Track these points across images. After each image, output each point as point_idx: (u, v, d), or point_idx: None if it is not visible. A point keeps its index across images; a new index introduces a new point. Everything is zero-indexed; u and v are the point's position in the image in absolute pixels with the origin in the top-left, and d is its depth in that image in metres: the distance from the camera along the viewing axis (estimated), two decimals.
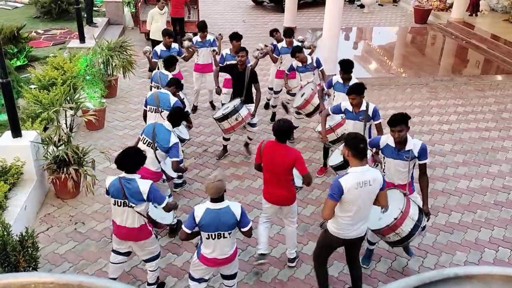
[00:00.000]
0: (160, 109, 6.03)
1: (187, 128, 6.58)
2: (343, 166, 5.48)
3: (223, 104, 7.77)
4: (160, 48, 7.87)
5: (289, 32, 7.90)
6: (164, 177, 5.41)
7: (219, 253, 4.10)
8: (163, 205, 4.30)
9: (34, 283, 1.04)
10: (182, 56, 8.09)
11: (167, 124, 5.21)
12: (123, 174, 4.27)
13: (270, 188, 4.92)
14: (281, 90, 8.25)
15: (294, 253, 5.21)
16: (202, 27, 8.28)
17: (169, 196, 5.55)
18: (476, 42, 13.30)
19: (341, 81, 6.44)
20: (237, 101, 6.73)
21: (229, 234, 4.04)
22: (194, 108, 8.80)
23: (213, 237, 4.01)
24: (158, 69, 7.42)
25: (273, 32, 8.37)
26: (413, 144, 4.66)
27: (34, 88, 7.35)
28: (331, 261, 5.18)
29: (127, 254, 4.64)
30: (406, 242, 4.65)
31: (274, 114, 8.47)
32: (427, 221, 4.84)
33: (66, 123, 6.44)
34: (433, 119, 8.85)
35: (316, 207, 6.18)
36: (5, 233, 4.34)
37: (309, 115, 7.25)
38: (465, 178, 7.01)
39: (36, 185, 5.91)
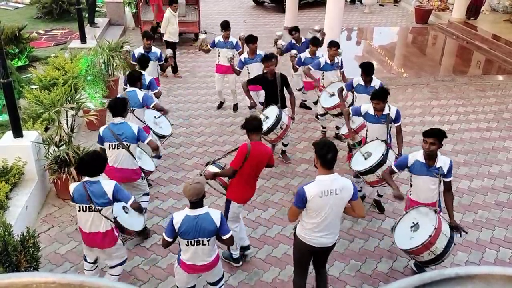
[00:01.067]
0: (131, 108, 5.89)
1: (164, 114, 6.44)
2: (371, 170, 5.42)
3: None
4: (138, 51, 7.73)
5: (316, 42, 7.78)
6: (142, 174, 5.40)
7: (198, 260, 4.02)
8: (131, 201, 4.24)
9: (36, 283, 1.03)
10: (160, 63, 7.94)
11: (117, 119, 5.10)
12: (86, 178, 4.21)
13: (248, 190, 4.88)
14: (306, 100, 8.30)
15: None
16: (226, 25, 8.26)
17: (147, 195, 5.55)
18: (477, 42, 13.29)
19: (362, 83, 6.47)
20: (275, 110, 6.52)
21: (208, 241, 3.94)
22: (221, 104, 8.87)
23: (192, 243, 3.92)
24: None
25: (292, 31, 8.29)
26: (443, 162, 4.64)
27: (35, 88, 7.36)
28: (332, 261, 5.17)
29: (95, 262, 4.62)
30: (441, 260, 4.55)
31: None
32: (461, 235, 4.80)
33: (67, 123, 6.45)
34: (434, 119, 8.84)
35: None
36: (6, 233, 4.34)
37: (339, 115, 7.23)
38: (466, 178, 7.01)
39: (37, 185, 5.92)
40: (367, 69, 6.38)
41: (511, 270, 1.05)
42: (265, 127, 6.37)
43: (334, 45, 7.37)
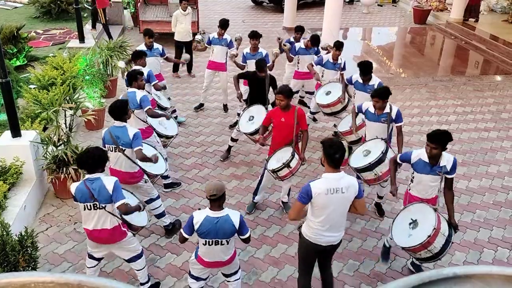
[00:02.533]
0: (131, 109, 5.72)
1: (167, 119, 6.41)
2: (370, 168, 5.40)
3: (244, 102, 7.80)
4: (141, 48, 7.64)
5: (315, 40, 7.83)
6: (145, 177, 5.33)
7: (215, 258, 4.12)
8: (118, 204, 4.13)
9: (34, 283, 1.03)
10: (164, 57, 7.96)
11: (118, 123, 5.08)
12: (86, 176, 4.21)
13: None
14: (298, 91, 8.31)
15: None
16: (224, 24, 8.26)
17: (157, 198, 5.47)
18: (475, 43, 13.31)
19: (360, 80, 6.49)
20: (264, 111, 6.44)
21: (227, 241, 4.04)
22: (200, 105, 8.85)
23: (211, 243, 4.02)
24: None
25: (298, 31, 8.26)
26: (446, 160, 4.59)
27: (34, 88, 7.35)
28: None
29: (100, 259, 4.61)
30: (438, 258, 4.55)
31: None
32: (455, 232, 4.77)
33: (65, 123, 6.45)
34: (432, 119, 8.86)
35: None
36: (5, 233, 4.34)
37: (330, 114, 7.27)
38: (464, 178, 7.02)
39: (36, 185, 5.91)
40: (364, 69, 6.39)
41: (509, 270, 1.05)
42: (252, 128, 6.43)
43: (338, 46, 7.41)
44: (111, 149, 5.06)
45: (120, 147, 5.02)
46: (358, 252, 5.48)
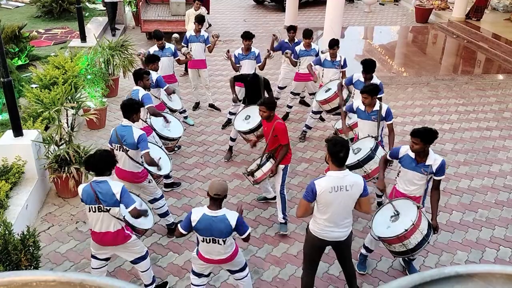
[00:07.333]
0: None
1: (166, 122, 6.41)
2: (359, 165, 5.47)
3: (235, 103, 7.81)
4: (153, 49, 7.66)
5: (308, 34, 7.81)
6: (149, 177, 5.35)
7: (214, 255, 4.13)
8: (129, 209, 4.16)
9: (36, 281, 1.04)
10: (176, 59, 7.94)
11: (125, 122, 5.08)
12: (94, 178, 4.22)
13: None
14: (299, 93, 8.36)
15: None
16: (200, 19, 8.29)
17: (161, 197, 5.48)
18: (477, 42, 13.28)
19: (362, 79, 6.49)
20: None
21: (224, 241, 4.02)
22: (196, 105, 8.88)
23: (208, 241, 4.03)
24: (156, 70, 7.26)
25: (291, 30, 8.25)
26: (433, 159, 4.59)
27: (35, 87, 7.36)
28: (331, 260, 5.18)
29: (106, 259, 4.61)
30: (410, 254, 4.61)
31: (287, 114, 8.50)
32: (435, 233, 4.80)
33: (67, 122, 6.46)
34: (434, 119, 8.84)
35: None
36: (7, 232, 4.35)
37: (331, 111, 7.28)
38: (466, 177, 7.01)
39: (38, 184, 5.92)
40: (367, 67, 6.40)
41: (510, 269, 1.05)
42: (247, 127, 6.45)
43: (333, 44, 7.39)
44: (116, 148, 5.08)
45: (124, 147, 5.03)
46: (359, 252, 5.47)
